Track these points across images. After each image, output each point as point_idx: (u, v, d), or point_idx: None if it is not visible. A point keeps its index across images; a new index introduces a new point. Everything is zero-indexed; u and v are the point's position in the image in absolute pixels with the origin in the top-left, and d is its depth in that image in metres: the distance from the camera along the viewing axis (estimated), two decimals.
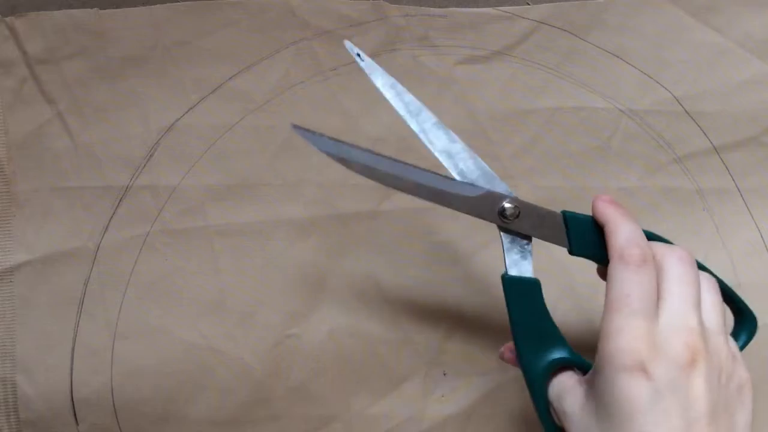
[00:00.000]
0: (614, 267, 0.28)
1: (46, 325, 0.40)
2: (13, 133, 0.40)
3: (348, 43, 0.33)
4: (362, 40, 0.40)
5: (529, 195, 0.40)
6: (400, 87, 0.32)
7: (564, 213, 0.31)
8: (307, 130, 0.30)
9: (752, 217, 0.41)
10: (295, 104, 0.40)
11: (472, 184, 0.31)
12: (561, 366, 0.30)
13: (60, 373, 0.40)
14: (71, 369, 0.40)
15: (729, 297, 0.33)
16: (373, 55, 0.40)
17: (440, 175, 0.31)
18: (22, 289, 0.40)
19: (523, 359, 0.31)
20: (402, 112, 0.32)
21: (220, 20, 0.40)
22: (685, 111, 0.40)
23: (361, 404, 0.40)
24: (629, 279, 0.28)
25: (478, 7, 0.40)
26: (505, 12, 0.40)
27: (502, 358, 0.33)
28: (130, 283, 0.40)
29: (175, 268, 0.40)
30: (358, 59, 0.32)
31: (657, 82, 0.40)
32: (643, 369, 0.26)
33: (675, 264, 0.29)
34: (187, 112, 0.40)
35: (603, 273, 0.32)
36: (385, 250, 0.40)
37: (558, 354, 0.30)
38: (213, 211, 0.40)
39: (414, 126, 0.32)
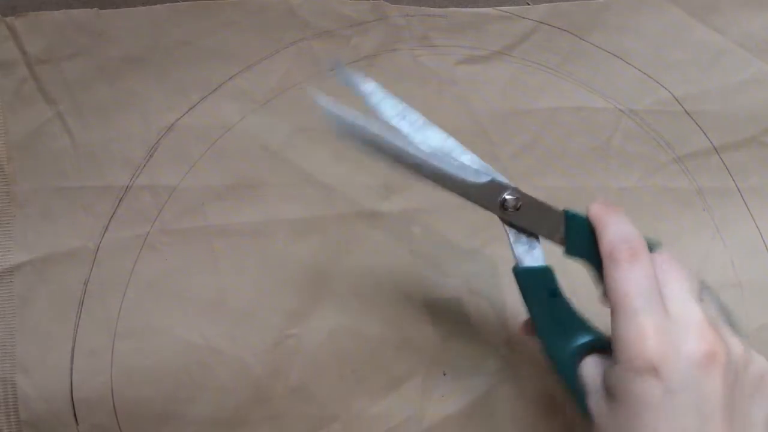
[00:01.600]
0: (607, 267, 0.28)
1: (46, 325, 0.40)
2: (13, 133, 0.40)
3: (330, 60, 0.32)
4: (362, 40, 0.40)
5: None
6: (382, 92, 0.31)
7: (566, 211, 0.30)
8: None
9: (752, 217, 0.41)
10: (295, 104, 0.40)
11: (477, 170, 0.30)
12: (588, 349, 0.30)
13: (60, 373, 0.40)
14: (71, 369, 0.40)
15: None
16: (373, 55, 0.40)
17: (446, 155, 0.30)
18: (22, 289, 0.40)
19: (549, 349, 0.30)
20: (389, 116, 0.31)
21: (220, 20, 0.40)
22: (685, 111, 0.40)
23: (361, 404, 0.40)
24: (623, 277, 0.27)
25: (478, 7, 0.40)
26: (505, 12, 0.40)
27: (523, 333, 0.32)
28: (130, 283, 0.40)
29: (175, 268, 0.40)
30: (334, 72, 0.32)
31: (657, 82, 0.40)
32: (654, 370, 0.25)
33: (665, 262, 0.28)
34: (187, 112, 0.40)
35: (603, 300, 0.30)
36: (385, 250, 0.40)
37: (583, 338, 0.30)
38: (213, 211, 0.40)
39: (404, 128, 0.31)
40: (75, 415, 0.40)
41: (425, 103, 0.40)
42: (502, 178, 0.31)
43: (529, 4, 0.40)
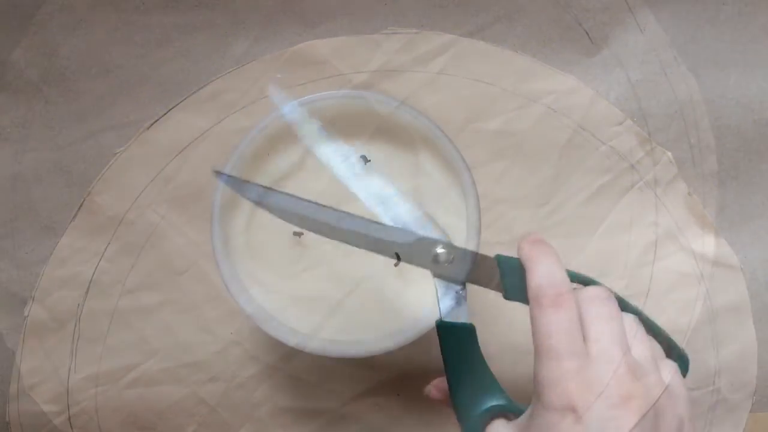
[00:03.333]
0: (532, 310, 0.28)
1: (46, 326, 0.40)
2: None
3: (272, 89, 0.32)
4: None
5: (522, 193, 0.40)
6: (322, 133, 0.31)
7: (498, 257, 0.30)
8: (232, 177, 0.29)
9: (751, 216, 0.41)
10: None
11: (404, 230, 0.30)
12: (496, 413, 0.30)
13: (59, 377, 0.40)
14: (70, 371, 0.40)
15: (657, 335, 0.31)
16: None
17: (372, 221, 0.30)
18: (22, 289, 0.40)
19: (459, 407, 0.30)
20: (329, 158, 0.31)
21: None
22: (679, 113, 0.41)
23: (362, 404, 0.40)
24: (547, 322, 0.27)
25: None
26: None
27: (429, 396, 0.32)
28: (128, 286, 0.40)
29: (174, 270, 0.40)
30: (282, 105, 0.31)
31: (655, 84, 0.41)
32: (573, 411, 0.25)
33: (592, 301, 0.28)
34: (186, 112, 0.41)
35: None
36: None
37: (493, 401, 0.29)
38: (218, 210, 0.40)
39: (343, 172, 0.31)
40: (71, 417, 0.40)
41: (422, 98, 0.40)
42: (434, 231, 0.30)
43: None
